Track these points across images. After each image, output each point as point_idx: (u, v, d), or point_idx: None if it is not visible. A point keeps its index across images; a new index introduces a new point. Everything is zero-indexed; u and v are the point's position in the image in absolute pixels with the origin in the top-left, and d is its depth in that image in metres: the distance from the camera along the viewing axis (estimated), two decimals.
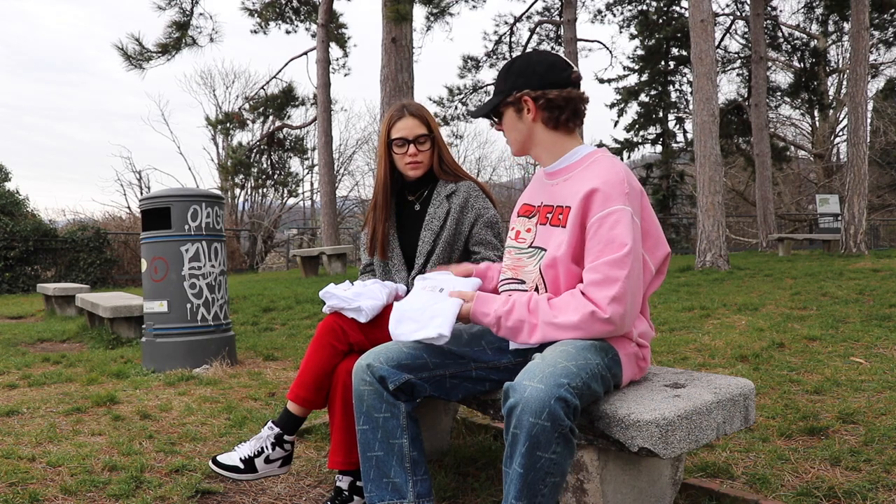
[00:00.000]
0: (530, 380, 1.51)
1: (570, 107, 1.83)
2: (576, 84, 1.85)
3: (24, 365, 4.84)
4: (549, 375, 1.51)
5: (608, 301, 1.65)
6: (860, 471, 2.24)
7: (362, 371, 1.85)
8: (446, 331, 1.76)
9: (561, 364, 1.56)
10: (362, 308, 2.13)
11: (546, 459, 1.50)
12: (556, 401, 1.47)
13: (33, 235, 14.59)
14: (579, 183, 1.78)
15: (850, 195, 11.17)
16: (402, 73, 9.12)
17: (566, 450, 1.52)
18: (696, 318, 5.53)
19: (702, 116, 9.58)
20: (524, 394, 1.49)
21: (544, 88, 1.82)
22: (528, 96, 1.83)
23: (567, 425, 1.50)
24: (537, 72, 1.83)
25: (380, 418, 1.82)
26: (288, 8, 17.16)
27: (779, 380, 3.45)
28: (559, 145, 1.88)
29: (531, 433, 1.48)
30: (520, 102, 1.85)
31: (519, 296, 1.78)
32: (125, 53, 12.85)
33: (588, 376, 1.59)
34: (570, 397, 1.50)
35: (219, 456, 2.15)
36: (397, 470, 1.82)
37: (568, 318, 1.68)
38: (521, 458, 1.50)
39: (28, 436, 2.91)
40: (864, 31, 11.09)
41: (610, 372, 1.71)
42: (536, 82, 1.83)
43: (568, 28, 16.96)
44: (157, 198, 4.53)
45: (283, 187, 23.38)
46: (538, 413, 1.47)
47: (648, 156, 22.96)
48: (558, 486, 1.55)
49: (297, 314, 7.02)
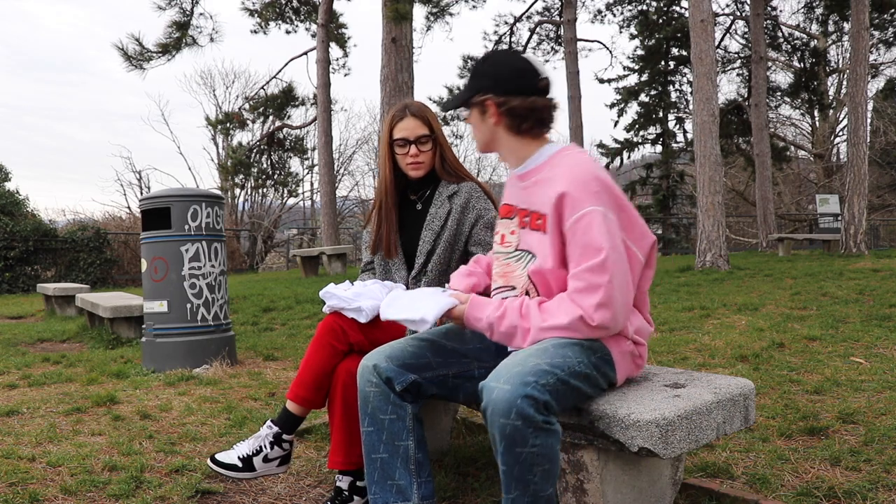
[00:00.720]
0: (497, 381, 1.53)
1: (533, 116, 1.78)
2: (543, 92, 1.79)
3: (24, 365, 4.84)
4: (516, 375, 1.52)
5: (594, 308, 1.64)
6: (860, 471, 2.24)
7: (368, 372, 1.84)
8: (430, 317, 1.75)
9: (531, 362, 1.56)
10: (362, 308, 2.13)
11: (527, 453, 1.51)
12: (522, 399, 1.48)
13: (33, 235, 14.59)
14: (548, 186, 1.75)
15: (850, 195, 11.17)
16: (402, 73, 9.12)
17: (547, 439, 1.52)
18: (696, 318, 5.53)
19: (702, 116, 9.58)
20: (492, 395, 1.51)
21: (508, 95, 1.77)
22: (491, 101, 1.78)
23: (539, 420, 1.50)
24: (503, 76, 1.78)
25: (385, 420, 1.82)
26: (288, 8, 17.16)
27: (779, 380, 3.45)
28: (523, 149, 1.84)
29: (504, 433, 1.50)
30: (483, 105, 1.80)
31: (511, 301, 1.77)
32: (125, 53, 12.85)
33: (565, 373, 1.59)
34: (538, 394, 1.50)
35: (217, 454, 2.15)
36: (402, 472, 1.81)
37: (558, 322, 1.67)
38: (501, 456, 1.53)
39: (28, 436, 2.91)
40: (864, 31, 11.09)
41: (598, 370, 1.70)
42: (501, 87, 1.77)
43: (568, 28, 16.96)
44: (157, 198, 4.53)
45: (283, 187, 23.37)
46: (506, 413, 1.49)
47: (648, 156, 22.95)
48: (550, 471, 1.55)
49: (297, 314, 7.02)
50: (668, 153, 21.40)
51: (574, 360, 1.63)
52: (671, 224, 21.96)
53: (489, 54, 1.84)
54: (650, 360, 4.11)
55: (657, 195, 21.91)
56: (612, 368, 1.75)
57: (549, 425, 1.53)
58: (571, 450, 1.80)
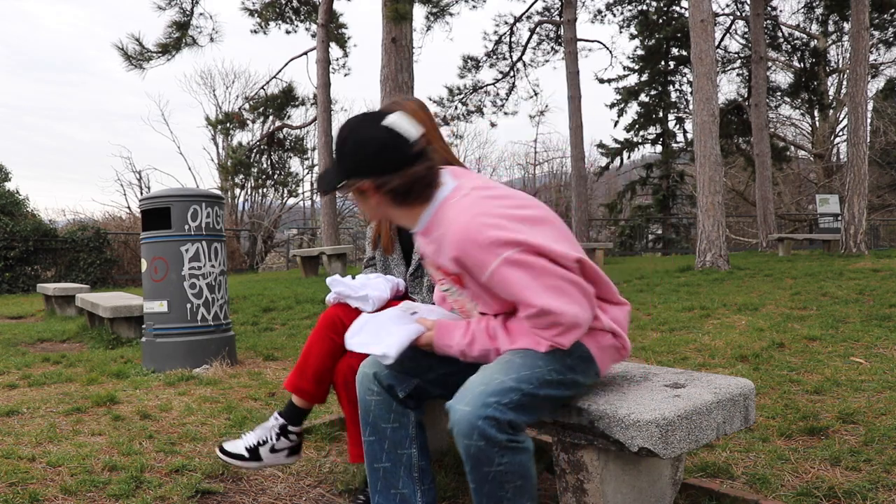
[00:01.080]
0: (459, 402, 1.52)
1: (416, 186, 1.62)
2: (419, 156, 1.61)
3: (24, 365, 4.84)
4: (479, 396, 1.51)
5: (558, 336, 1.60)
6: (860, 471, 2.24)
7: (368, 381, 1.81)
8: (392, 352, 1.68)
9: (496, 380, 1.54)
10: (369, 297, 2.13)
11: (494, 472, 1.51)
12: (483, 420, 1.48)
13: (33, 235, 14.59)
14: (443, 249, 1.62)
15: (850, 195, 11.17)
16: (402, 73, 9.12)
17: (515, 457, 1.52)
18: (696, 318, 5.53)
19: (702, 116, 9.58)
20: (455, 417, 1.51)
21: (382, 175, 1.60)
22: (367, 185, 1.63)
23: (502, 440, 1.49)
24: (371, 157, 1.60)
25: (387, 429, 1.80)
26: (288, 8, 17.16)
27: (779, 380, 3.46)
28: (415, 215, 1.68)
29: (469, 453, 1.50)
30: (359, 189, 1.65)
31: (476, 324, 1.71)
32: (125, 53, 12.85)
33: (532, 386, 1.56)
34: (499, 414, 1.49)
35: (225, 444, 2.16)
36: (405, 480, 1.81)
37: (527, 345, 1.64)
38: (469, 475, 1.54)
39: (28, 436, 2.91)
40: (864, 31, 11.09)
41: (575, 371, 1.67)
42: (372, 170, 1.60)
43: (568, 28, 16.97)
44: (157, 198, 4.53)
45: (283, 187, 23.37)
46: (468, 435, 1.49)
47: (648, 156, 22.97)
48: (523, 487, 1.55)
49: (297, 314, 7.01)
50: (668, 153, 21.41)
51: (544, 370, 1.60)
52: (671, 224, 21.97)
53: (348, 133, 1.63)
54: (650, 360, 4.11)
55: (657, 195, 21.92)
56: (592, 363, 1.71)
57: (517, 443, 1.52)
58: (571, 450, 1.80)
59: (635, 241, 21.45)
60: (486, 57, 19.97)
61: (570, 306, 1.57)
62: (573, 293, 1.59)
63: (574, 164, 17.51)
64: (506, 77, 20.35)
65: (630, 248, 21.28)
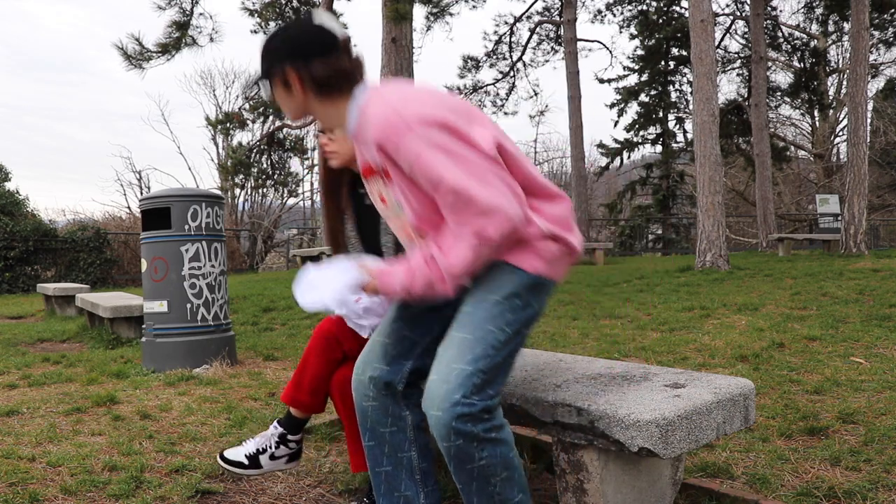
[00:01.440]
0: (431, 406, 1.52)
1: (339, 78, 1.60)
2: (345, 50, 1.61)
3: (24, 365, 4.84)
4: (445, 397, 1.49)
5: (483, 223, 1.48)
6: (860, 471, 2.24)
7: (363, 387, 1.80)
8: (331, 303, 1.63)
9: (454, 371, 1.51)
10: (366, 326, 2.12)
11: (477, 467, 1.51)
12: (456, 421, 1.48)
13: (33, 235, 14.58)
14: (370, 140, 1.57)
15: (850, 195, 11.17)
16: (402, 73, 9.12)
17: (495, 449, 1.52)
18: (696, 318, 5.53)
19: (702, 116, 9.58)
20: (431, 423, 1.52)
21: (306, 60, 1.58)
22: (292, 70, 1.60)
23: (479, 432, 1.49)
24: (292, 41, 1.60)
25: (385, 433, 1.79)
26: (288, 8, 17.16)
27: (779, 380, 3.46)
28: (339, 113, 1.64)
29: (450, 454, 1.51)
30: (284, 77, 1.62)
31: (413, 259, 1.61)
32: (125, 53, 12.84)
33: (490, 357, 1.53)
34: (469, 409, 1.49)
35: (226, 451, 2.17)
36: (408, 483, 1.80)
37: (463, 256, 1.52)
38: (456, 475, 1.54)
39: (28, 436, 2.91)
40: (864, 31, 11.08)
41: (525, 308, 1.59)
42: (299, 54, 1.59)
43: (568, 28, 16.97)
44: (157, 198, 4.53)
45: (283, 187, 23.35)
46: (446, 437, 1.49)
47: (648, 156, 22.97)
48: (510, 478, 1.55)
49: (297, 314, 7.01)
50: (668, 153, 21.41)
51: (496, 332, 1.55)
52: (671, 224, 21.97)
53: (279, 29, 1.66)
54: (650, 360, 4.11)
55: (657, 195, 21.92)
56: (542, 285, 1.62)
57: (495, 432, 1.52)
58: (571, 450, 1.80)
59: (635, 241, 21.45)
60: (486, 57, 19.99)
61: (492, 193, 1.48)
62: (496, 183, 1.50)
63: (574, 164, 17.53)
64: (506, 77, 20.37)
65: (630, 248, 21.28)
